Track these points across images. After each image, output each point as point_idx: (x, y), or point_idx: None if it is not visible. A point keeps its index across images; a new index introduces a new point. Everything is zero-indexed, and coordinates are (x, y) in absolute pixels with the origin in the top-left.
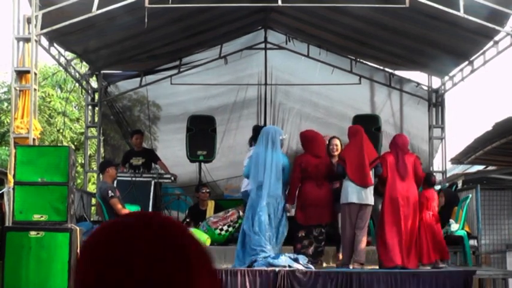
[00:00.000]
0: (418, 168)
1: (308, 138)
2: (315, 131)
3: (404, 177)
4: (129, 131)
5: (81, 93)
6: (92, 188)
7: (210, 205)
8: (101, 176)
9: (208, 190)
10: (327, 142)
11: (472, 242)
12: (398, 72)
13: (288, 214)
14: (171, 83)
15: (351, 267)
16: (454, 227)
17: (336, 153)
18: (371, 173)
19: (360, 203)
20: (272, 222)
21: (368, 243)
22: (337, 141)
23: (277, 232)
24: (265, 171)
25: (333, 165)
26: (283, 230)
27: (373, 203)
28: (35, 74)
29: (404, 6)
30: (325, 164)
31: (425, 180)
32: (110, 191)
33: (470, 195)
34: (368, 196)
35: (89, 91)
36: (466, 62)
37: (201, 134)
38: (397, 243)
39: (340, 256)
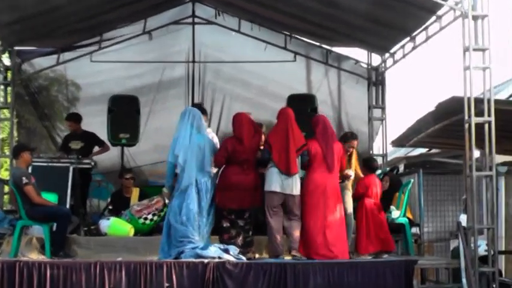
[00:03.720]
0: (343, 159)
1: (232, 120)
2: (240, 113)
3: (331, 168)
4: (45, 113)
5: None
6: (4, 174)
7: (135, 192)
8: (14, 161)
9: (132, 176)
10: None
11: (414, 230)
12: (335, 49)
13: None
14: (91, 61)
15: (287, 258)
16: (395, 214)
17: (261, 142)
18: (297, 161)
19: (283, 192)
20: (203, 210)
21: None
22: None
23: (206, 220)
24: (192, 154)
25: (259, 150)
26: (212, 219)
27: (299, 193)
28: None
29: None
30: (253, 150)
31: (367, 165)
32: (24, 178)
33: (412, 180)
34: (294, 185)
35: (1, 69)
36: (408, 38)
37: (124, 115)
38: (324, 232)
39: None
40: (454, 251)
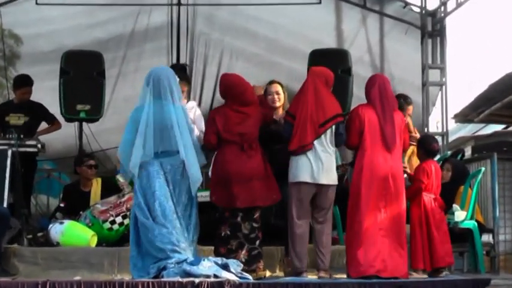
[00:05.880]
0: (406, 133)
1: (226, 80)
2: (239, 76)
3: (390, 145)
4: None
5: None
6: None
7: (96, 185)
8: None
9: (94, 163)
10: (262, 92)
11: (486, 238)
12: None
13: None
14: (37, 3)
15: (309, 276)
16: (460, 215)
17: (278, 104)
18: (327, 137)
19: (315, 182)
20: (179, 209)
21: (334, 241)
22: (277, 87)
23: (187, 224)
24: (162, 134)
25: (276, 123)
26: (196, 221)
27: (336, 183)
28: None
29: None
30: (258, 121)
31: (423, 147)
32: None
33: (483, 169)
34: (329, 171)
35: None
36: None
37: (83, 79)
38: (379, 241)
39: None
40: None
